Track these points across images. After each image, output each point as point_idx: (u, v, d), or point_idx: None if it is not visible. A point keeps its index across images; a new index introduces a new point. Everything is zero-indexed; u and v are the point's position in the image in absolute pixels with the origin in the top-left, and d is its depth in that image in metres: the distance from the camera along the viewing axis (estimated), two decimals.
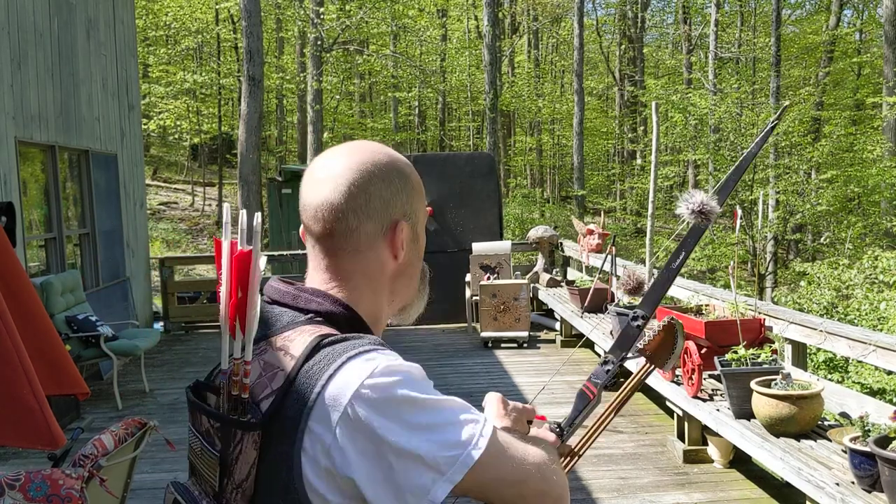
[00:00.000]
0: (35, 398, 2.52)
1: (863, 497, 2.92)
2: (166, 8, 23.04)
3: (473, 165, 10.03)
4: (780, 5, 21.21)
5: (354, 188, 1.04)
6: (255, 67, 13.21)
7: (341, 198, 1.04)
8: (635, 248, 19.94)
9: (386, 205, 1.06)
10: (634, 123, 28.33)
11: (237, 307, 0.99)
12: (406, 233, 1.08)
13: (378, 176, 1.06)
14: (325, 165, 1.07)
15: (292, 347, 0.98)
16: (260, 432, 0.94)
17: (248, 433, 0.95)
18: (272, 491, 0.95)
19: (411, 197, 1.10)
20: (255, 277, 0.99)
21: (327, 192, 1.04)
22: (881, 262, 9.34)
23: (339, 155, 1.08)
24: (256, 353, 1.01)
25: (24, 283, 2.82)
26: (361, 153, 1.08)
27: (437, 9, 27.13)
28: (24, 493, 2.41)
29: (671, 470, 4.65)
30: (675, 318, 1.38)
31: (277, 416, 0.94)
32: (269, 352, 1.01)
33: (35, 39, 6.60)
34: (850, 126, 18.74)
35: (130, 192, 8.95)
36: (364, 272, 1.07)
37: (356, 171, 1.05)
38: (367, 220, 1.05)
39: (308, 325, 1.01)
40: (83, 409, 6.06)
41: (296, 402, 0.93)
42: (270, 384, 0.97)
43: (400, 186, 1.08)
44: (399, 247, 1.08)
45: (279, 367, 0.98)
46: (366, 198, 1.04)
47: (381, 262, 1.08)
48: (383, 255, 1.07)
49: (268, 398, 0.96)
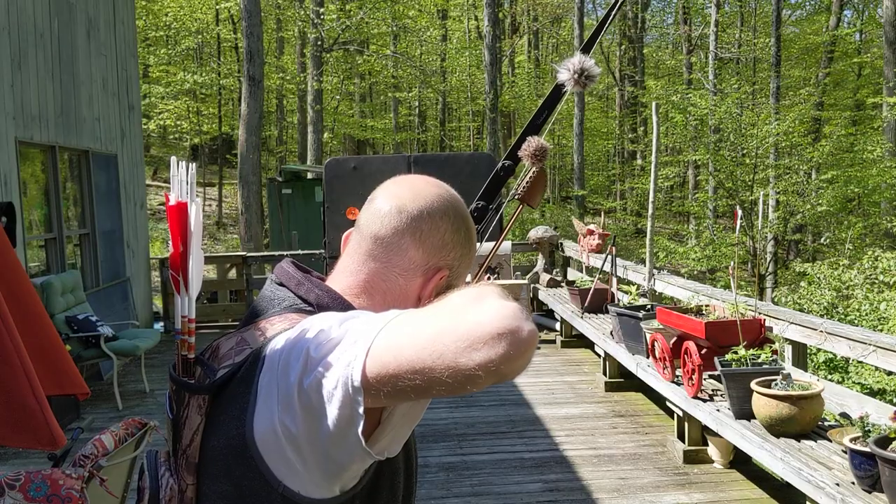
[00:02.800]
0: (35, 398, 2.52)
1: (863, 497, 2.92)
2: (166, 8, 23.03)
3: (474, 166, 10.02)
4: (781, 6, 21.20)
5: (427, 213, 1.04)
6: (255, 68, 13.21)
7: (409, 214, 1.04)
8: (635, 249, 19.94)
9: (443, 247, 1.05)
10: (635, 124, 28.32)
11: (178, 260, 0.98)
12: (440, 283, 1.06)
13: (451, 217, 1.06)
14: (408, 182, 1.09)
15: (270, 330, 0.98)
16: (207, 397, 0.95)
17: (194, 397, 0.96)
18: (216, 459, 0.95)
19: (464, 256, 1.09)
20: (194, 229, 0.98)
21: (400, 202, 1.04)
22: (881, 263, 9.34)
23: (426, 181, 1.09)
24: (241, 330, 1.02)
25: (24, 284, 2.82)
26: (447, 191, 1.09)
27: (438, 9, 27.12)
28: (24, 494, 2.41)
29: (671, 470, 4.65)
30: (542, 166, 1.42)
31: (233, 382, 0.95)
32: (250, 330, 1.01)
33: (35, 40, 6.60)
34: (851, 126, 18.75)
35: (131, 193, 8.95)
36: (385, 290, 1.05)
37: (436, 201, 1.05)
38: (419, 248, 1.04)
39: (295, 314, 1.00)
40: (83, 409, 6.06)
41: (251, 365, 0.94)
42: (235, 357, 0.97)
43: (463, 240, 1.08)
44: (429, 293, 1.05)
45: (248, 345, 0.98)
46: (431, 227, 1.04)
47: (406, 296, 1.05)
48: (411, 290, 1.05)
49: (225, 368, 0.97)
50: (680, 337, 4.59)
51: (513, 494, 4.34)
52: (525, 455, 4.95)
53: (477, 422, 5.66)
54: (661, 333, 4.83)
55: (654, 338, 4.95)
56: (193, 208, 0.99)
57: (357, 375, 0.82)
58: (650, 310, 5.36)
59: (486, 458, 4.90)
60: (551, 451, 5.02)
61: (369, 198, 1.10)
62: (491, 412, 5.88)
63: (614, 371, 6.35)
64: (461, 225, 1.07)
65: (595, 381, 6.61)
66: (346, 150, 27.87)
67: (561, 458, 4.90)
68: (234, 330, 1.06)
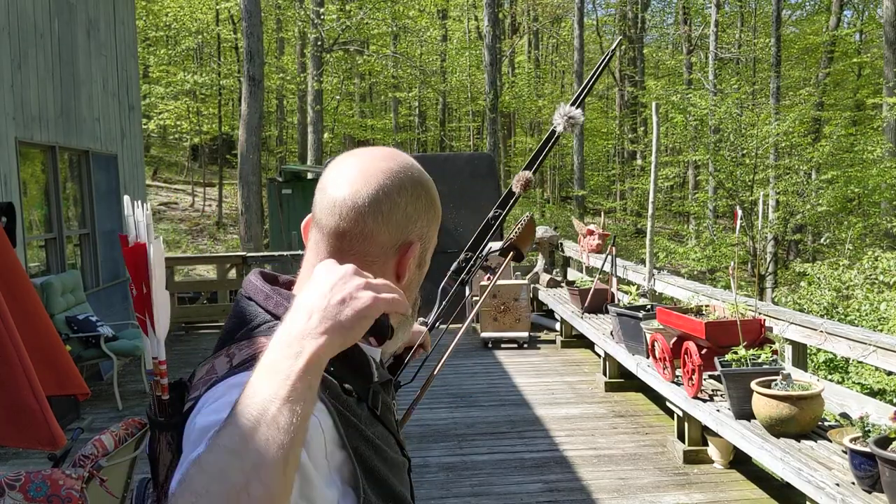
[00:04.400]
0: (35, 398, 2.52)
1: (863, 497, 2.92)
2: (166, 8, 23.04)
3: (474, 166, 10.02)
4: (781, 6, 21.21)
5: (382, 193, 0.98)
6: (255, 68, 13.21)
7: (366, 198, 0.98)
8: (635, 249, 19.94)
9: (407, 220, 1.01)
10: (634, 124, 28.32)
11: (142, 302, 0.94)
12: (416, 254, 1.03)
13: (408, 188, 1.01)
14: (356, 163, 1.01)
15: (237, 356, 0.92)
16: (173, 434, 0.90)
17: (162, 434, 0.93)
18: None
19: (431, 221, 1.05)
20: (155, 270, 0.94)
21: (353, 189, 0.98)
22: (881, 263, 9.34)
23: (373, 157, 1.02)
24: (214, 356, 0.97)
25: (24, 284, 2.82)
26: (396, 161, 1.02)
27: (438, 9, 27.13)
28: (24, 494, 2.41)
29: (671, 470, 4.65)
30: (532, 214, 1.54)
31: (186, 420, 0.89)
32: (220, 357, 0.95)
33: (35, 40, 6.60)
34: (851, 127, 18.74)
35: (131, 193, 8.93)
36: None
37: (388, 176, 0.99)
38: (385, 229, 0.99)
39: (264, 338, 0.92)
40: (83, 409, 6.06)
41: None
42: (201, 388, 0.91)
43: (425, 206, 1.04)
44: (406, 268, 1.02)
45: (216, 374, 0.91)
46: (390, 206, 0.99)
47: (384, 277, 1.00)
48: (388, 271, 1.01)
49: (191, 401, 0.91)
50: (680, 337, 4.59)
51: (513, 495, 4.34)
52: (525, 455, 4.95)
53: (477, 422, 5.66)
54: (661, 333, 4.84)
55: (654, 338, 4.95)
56: (152, 249, 0.95)
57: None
58: (650, 310, 5.36)
59: (486, 459, 4.90)
60: (551, 452, 5.02)
61: (320, 185, 1.03)
62: (491, 412, 5.88)
63: (614, 371, 6.36)
64: (420, 192, 1.02)
65: (595, 382, 6.61)
66: (346, 150, 27.65)
67: (561, 458, 4.90)
68: (209, 356, 1.00)
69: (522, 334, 8.04)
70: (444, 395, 6.38)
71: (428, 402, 6.26)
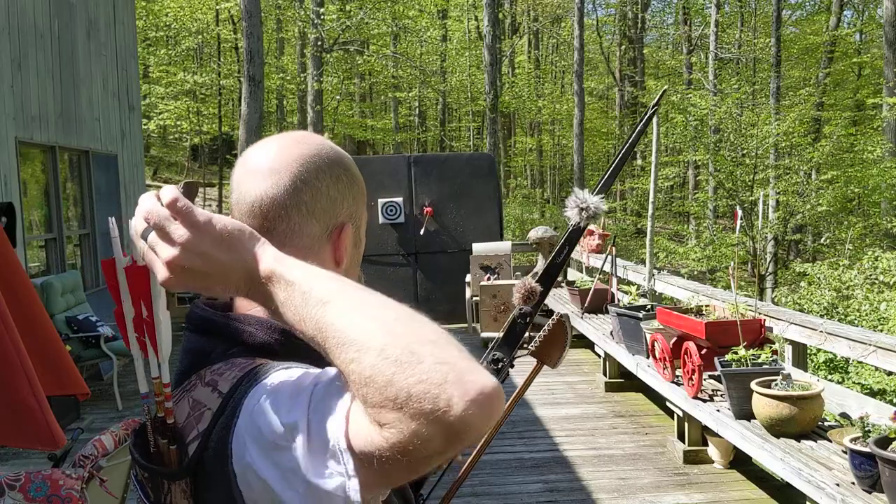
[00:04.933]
0: (35, 398, 2.52)
1: (863, 497, 2.92)
2: (166, 8, 23.04)
3: (474, 166, 10.02)
4: (781, 6, 21.22)
5: (301, 183, 0.93)
6: (255, 68, 13.21)
7: (285, 192, 0.92)
8: (635, 249, 19.94)
9: (333, 204, 0.96)
10: (635, 124, 28.30)
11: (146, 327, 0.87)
12: (350, 236, 0.99)
13: (326, 171, 0.95)
14: (265, 156, 0.95)
15: (221, 382, 0.86)
16: (188, 480, 0.84)
17: (175, 483, 0.85)
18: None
19: (357, 198, 1.00)
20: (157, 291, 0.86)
21: (268, 185, 0.92)
22: (881, 263, 9.34)
23: (281, 145, 0.96)
24: (185, 390, 0.91)
25: (24, 284, 2.82)
26: (307, 145, 0.96)
27: (438, 9, 27.13)
28: (24, 494, 2.41)
29: (671, 470, 4.65)
30: (565, 314, 1.34)
31: (206, 458, 0.83)
32: (197, 388, 0.89)
33: (35, 40, 6.60)
34: (851, 127, 18.75)
35: (131, 193, 8.95)
36: None
37: (303, 164, 0.94)
38: (312, 219, 0.94)
39: (240, 358, 0.89)
40: (83, 409, 6.06)
41: (218, 448, 0.81)
42: (197, 425, 0.85)
43: (347, 185, 0.98)
44: (343, 252, 0.97)
45: (206, 406, 0.86)
46: (312, 194, 0.94)
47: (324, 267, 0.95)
48: (326, 261, 0.95)
49: (195, 441, 0.85)
50: (680, 337, 4.59)
51: (513, 495, 4.34)
52: (525, 455, 4.95)
53: None
54: (661, 334, 4.83)
55: (654, 338, 4.95)
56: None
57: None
58: (650, 310, 5.36)
59: (486, 459, 4.89)
60: (551, 452, 5.02)
61: (232, 183, 0.96)
62: None
63: (614, 371, 6.35)
64: (338, 171, 0.97)
65: (595, 382, 6.61)
66: (346, 150, 27.82)
67: (561, 458, 4.90)
68: (177, 390, 0.93)
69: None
70: None
71: None
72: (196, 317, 0.96)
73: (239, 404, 0.81)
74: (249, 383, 0.83)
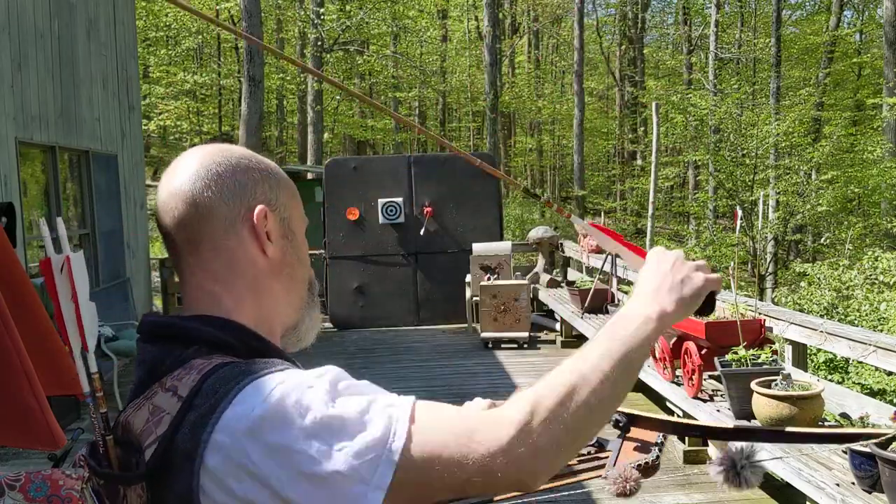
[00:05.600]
0: (35, 398, 2.52)
1: (863, 497, 2.92)
2: (166, 8, 23.04)
3: (473, 166, 10.01)
4: (781, 6, 21.22)
5: (205, 172, 0.95)
6: (255, 68, 13.21)
7: (190, 183, 0.95)
8: None
9: (243, 188, 0.96)
10: (635, 124, 28.33)
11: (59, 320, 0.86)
12: (273, 223, 0.98)
13: (234, 165, 0.97)
14: (177, 163, 0.99)
15: (180, 387, 0.87)
16: (143, 485, 0.84)
17: (130, 488, 0.85)
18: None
19: (277, 189, 1.00)
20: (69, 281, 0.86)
21: (176, 182, 0.96)
22: (881, 263, 9.34)
23: (194, 152, 1.00)
24: (146, 397, 0.91)
25: (24, 284, 2.82)
26: (220, 150, 0.99)
27: (438, 9, 27.13)
28: (24, 494, 2.41)
29: (671, 470, 4.65)
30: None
31: (164, 464, 0.83)
32: (158, 394, 0.89)
33: (35, 40, 6.60)
34: (851, 127, 18.76)
35: (131, 193, 8.95)
36: (231, 268, 0.95)
37: (210, 160, 0.97)
38: (220, 202, 0.94)
39: (197, 360, 0.89)
40: (83, 409, 6.06)
41: (184, 445, 0.82)
42: (156, 430, 0.86)
43: (260, 176, 0.99)
44: (264, 237, 0.96)
45: (165, 411, 0.86)
46: (217, 180, 0.95)
47: (250, 256, 0.96)
48: (249, 247, 0.96)
49: (152, 446, 0.85)
50: (680, 337, 4.59)
51: (513, 494, 4.33)
52: None
53: None
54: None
55: None
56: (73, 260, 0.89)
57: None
58: None
59: None
60: None
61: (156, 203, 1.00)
62: None
63: None
64: (246, 164, 0.98)
65: None
66: (346, 150, 27.88)
67: None
68: (138, 399, 0.93)
69: (522, 334, 8.03)
70: (444, 396, 6.38)
71: None
72: (147, 324, 0.96)
73: (217, 413, 0.81)
74: (220, 387, 0.83)
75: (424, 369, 7.37)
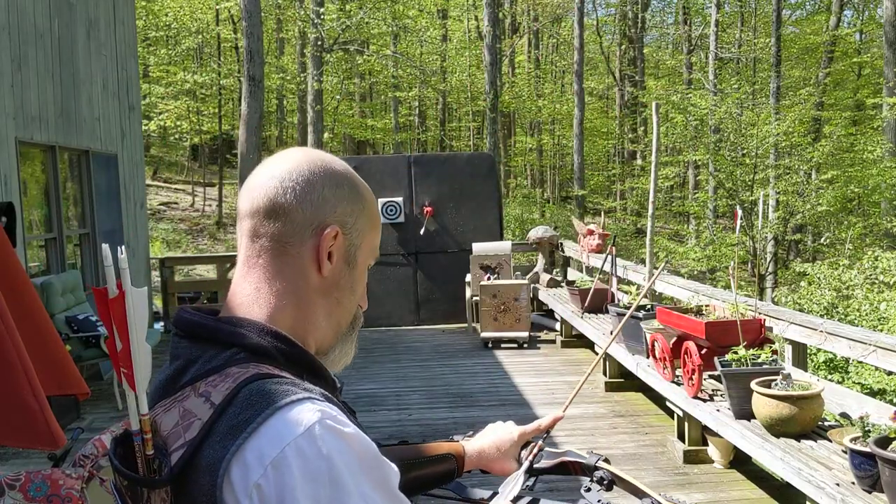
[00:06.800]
0: (35, 398, 2.52)
1: (863, 497, 2.92)
2: (166, 8, 23.05)
3: (474, 166, 10.02)
4: (781, 6, 21.21)
5: (297, 174, 0.96)
6: (255, 68, 13.20)
7: (279, 179, 0.96)
8: (635, 249, 19.94)
9: (324, 202, 0.97)
10: (635, 124, 28.33)
11: (121, 358, 0.88)
12: (339, 245, 0.97)
13: (328, 176, 0.98)
14: (280, 155, 1.01)
15: (214, 394, 0.87)
16: (168, 488, 0.85)
17: (154, 491, 0.86)
18: None
19: (359, 215, 1.00)
20: (135, 322, 0.87)
21: (270, 173, 0.97)
22: (881, 263, 9.35)
23: (298, 152, 1.01)
24: (178, 400, 0.91)
25: (24, 283, 2.82)
26: (321, 159, 1.00)
27: (438, 9, 27.12)
28: (24, 494, 2.41)
29: (671, 470, 4.65)
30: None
31: (190, 469, 0.84)
32: (190, 398, 0.89)
33: (35, 40, 6.60)
34: (851, 126, 18.75)
35: (131, 193, 8.95)
36: (284, 272, 0.96)
37: (307, 165, 0.98)
38: (298, 207, 0.95)
39: (233, 368, 0.89)
40: (83, 409, 6.06)
41: (212, 455, 0.83)
42: (185, 434, 0.86)
43: (348, 195, 0.99)
44: (324, 256, 0.96)
45: (196, 416, 0.86)
46: (305, 186, 0.96)
47: (305, 268, 0.96)
48: (308, 259, 0.96)
49: (179, 450, 0.86)
50: (680, 337, 4.59)
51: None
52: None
53: (477, 422, 5.64)
54: (661, 333, 4.83)
55: (654, 338, 4.95)
56: (132, 297, 0.89)
57: None
58: (650, 310, 5.36)
59: None
60: None
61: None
62: (491, 412, 5.87)
63: (614, 371, 6.36)
64: (341, 181, 0.99)
65: (595, 381, 6.61)
66: (346, 150, 27.87)
67: None
68: (167, 399, 0.93)
69: (522, 334, 8.04)
70: (444, 395, 6.39)
71: (428, 401, 6.27)
72: (184, 321, 0.96)
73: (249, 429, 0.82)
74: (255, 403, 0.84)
75: (424, 369, 7.38)
